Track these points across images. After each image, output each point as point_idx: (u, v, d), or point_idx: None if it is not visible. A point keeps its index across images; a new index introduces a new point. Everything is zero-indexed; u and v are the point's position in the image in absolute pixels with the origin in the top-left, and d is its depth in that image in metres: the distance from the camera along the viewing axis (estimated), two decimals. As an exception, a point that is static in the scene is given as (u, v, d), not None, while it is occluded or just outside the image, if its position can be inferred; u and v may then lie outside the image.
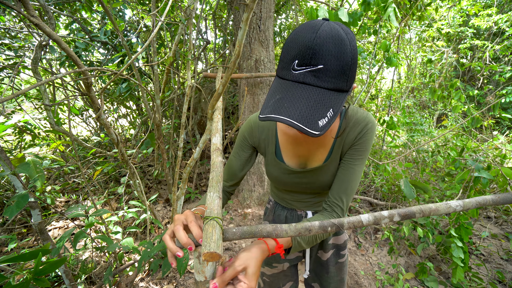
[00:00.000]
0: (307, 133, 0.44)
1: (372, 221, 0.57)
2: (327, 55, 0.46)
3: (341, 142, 0.71)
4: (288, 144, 0.76)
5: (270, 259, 0.98)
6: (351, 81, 0.51)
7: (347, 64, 0.47)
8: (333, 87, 0.48)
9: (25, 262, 0.72)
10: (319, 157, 0.75)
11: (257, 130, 0.79)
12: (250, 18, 0.64)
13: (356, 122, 0.68)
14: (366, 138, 0.68)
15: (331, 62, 0.46)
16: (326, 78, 0.47)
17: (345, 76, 0.48)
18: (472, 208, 0.67)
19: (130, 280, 1.71)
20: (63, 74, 0.86)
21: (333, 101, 0.48)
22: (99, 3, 1.45)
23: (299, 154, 0.76)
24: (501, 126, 5.43)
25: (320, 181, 0.77)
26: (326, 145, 0.73)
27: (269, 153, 0.80)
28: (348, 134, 0.70)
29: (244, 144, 0.82)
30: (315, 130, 0.44)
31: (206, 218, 0.50)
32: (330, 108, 0.47)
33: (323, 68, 0.47)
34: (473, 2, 5.02)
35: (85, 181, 1.44)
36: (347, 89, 0.50)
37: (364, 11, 1.65)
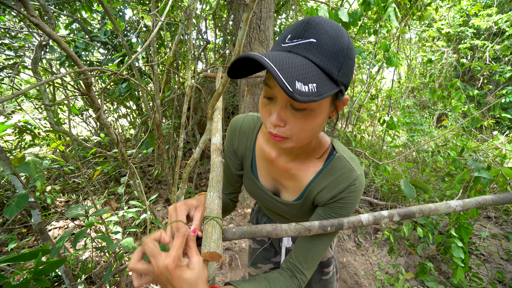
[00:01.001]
0: (280, 83, 0.36)
1: (372, 221, 0.57)
2: (322, 32, 0.42)
3: (315, 189, 0.61)
4: (263, 162, 0.70)
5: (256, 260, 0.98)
6: (344, 75, 0.44)
7: (342, 49, 0.43)
8: (323, 66, 0.42)
9: (25, 262, 0.72)
10: (291, 192, 0.67)
11: (237, 135, 0.72)
12: (250, 18, 0.64)
13: (339, 179, 0.58)
14: (345, 202, 0.58)
15: (325, 40, 0.42)
16: (317, 53, 0.42)
17: (338, 62, 0.43)
18: (472, 208, 0.67)
19: (130, 280, 1.71)
20: (63, 74, 0.86)
21: (319, 79, 0.40)
22: (99, 3, 1.45)
23: (272, 177, 0.70)
24: (501, 126, 5.43)
25: (291, 214, 0.71)
26: (299, 181, 0.64)
27: (245, 165, 0.74)
28: (326, 187, 0.59)
29: (229, 149, 0.77)
30: (290, 85, 0.36)
31: (206, 218, 0.50)
32: (313, 83, 0.39)
33: (315, 42, 0.42)
34: (473, 2, 5.02)
35: (85, 181, 1.44)
36: (338, 80, 0.43)
37: (364, 11, 1.65)
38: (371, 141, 3.97)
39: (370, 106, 4.18)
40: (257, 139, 0.70)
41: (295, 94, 0.36)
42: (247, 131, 0.71)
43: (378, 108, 4.13)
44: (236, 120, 0.73)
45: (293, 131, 0.48)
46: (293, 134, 0.48)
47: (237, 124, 0.73)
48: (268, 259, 0.96)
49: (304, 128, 0.48)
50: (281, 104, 0.46)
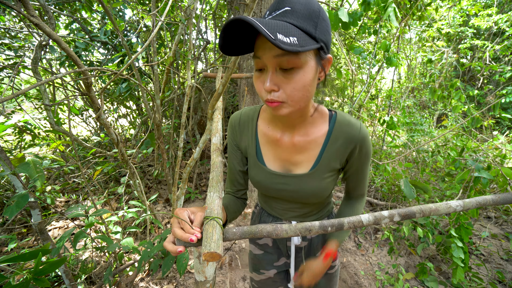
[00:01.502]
0: (264, 33, 0.40)
1: (372, 221, 0.57)
2: (294, 2, 0.49)
3: (330, 152, 0.66)
4: (268, 146, 0.71)
5: (258, 265, 0.94)
6: (322, 33, 0.50)
7: (314, 11, 0.49)
8: (300, 26, 0.47)
9: (25, 262, 0.72)
10: (304, 163, 0.68)
11: (238, 129, 0.75)
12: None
13: (345, 133, 0.64)
14: (362, 152, 0.66)
15: (298, 6, 0.48)
16: (293, 17, 0.48)
17: (313, 22, 0.48)
18: (472, 208, 0.67)
19: (130, 280, 1.71)
20: (63, 74, 0.86)
21: (298, 34, 0.45)
22: (99, 3, 1.45)
23: (281, 158, 0.70)
24: (501, 126, 5.43)
25: (305, 190, 0.69)
26: (310, 150, 0.67)
27: (250, 155, 0.75)
28: (336, 146, 0.65)
29: (231, 144, 0.78)
30: (272, 35, 0.40)
31: (207, 218, 0.49)
32: (294, 37, 0.44)
33: (290, 10, 0.48)
34: (473, 2, 5.02)
35: (85, 181, 1.44)
36: (317, 36, 0.48)
37: (364, 11, 1.65)
38: (371, 141, 3.97)
39: (370, 106, 4.18)
40: (258, 126, 0.72)
41: (278, 42, 0.40)
42: (247, 121, 0.74)
43: (378, 108, 4.13)
44: (234, 115, 0.77)
45: (287, 93, 0.51)
46: (288, 96, 0.52)
47: (236, 119, 0.75)
48: (271, 264, 0.93)
49: (296, 87, 0.51)
50: (271, 69, 0.50)
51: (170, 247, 0.50)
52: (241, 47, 0.52)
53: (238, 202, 0.81)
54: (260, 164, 0.72)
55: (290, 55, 0.47)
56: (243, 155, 0.78)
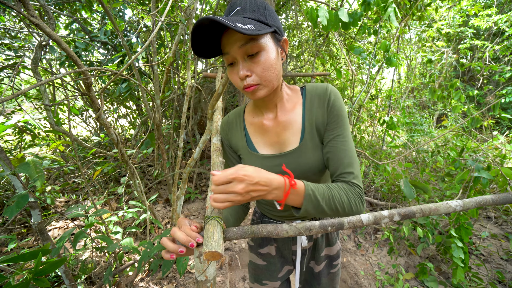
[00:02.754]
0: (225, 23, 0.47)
1: (372, 220, 0.57)
2: (242, 2, 0.59)
3: (310, 118, 0.70)
4: (257, 134, 0.76)
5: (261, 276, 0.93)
6: (272, 20, 0.59)
7: (260, 4, 0.59)
8: (253, 17, 0.57)
9: (25, 262, 0.72)
10: (292, 139, 0.72)
11: (226, 128, 0.81)
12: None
13: (316, 95, 0.70)
14: (334, 105, 0.68)
15: (246, 4, 0.58)
16: (245, 13, 0.57)
17: (262, 12, 0.58)
18: (472, 208, 0.67)
19: (130, 280, 1.71)
20: (63, 74, 0.86)
21: (254, 23, 0.54)
22: (99, 3, 1.45)
23: (271, 141, 0.74)
24: (501, 126, 5.43)
25: (301, 164, 0.70)
26: (294, 126, 0.72)
27: (242, 147, 0.77)
28: (313, 110, 0.70)
29: (227, 149, 0.82)
30: (233, 24, 0.48)
31: (207, 217, 0.50)
32: (251, 25, 0.52)
33: (240, 8, 0.58)
34: (473, 2, 5.02)
35: (85, 181, 1.44)
36: (268, 22, 0.57)
37: (364, 11, 1.65)
38: (371, 141, 3.97)
39: (370, 106, 4.18)
40: (245, 120, 0.79)
41: (238, 28, 0.48)
42: (234, 119, 0.80)
43: (378, 108, 4.13)
44: (222, 120, 0.84)
45: (258, 74, 0.59)
46: (260, 77, 0.59)
47: (224, 121, 0.83)
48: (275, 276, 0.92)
49: (264, 67, 0.58)
50: (240, 59, 0.58)
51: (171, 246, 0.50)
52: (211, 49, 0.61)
53: (240, 210, 0.82)
54: (253, 152, 0.75)
55: (252, 42, 0.55)
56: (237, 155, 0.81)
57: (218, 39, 0.59)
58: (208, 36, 0.57)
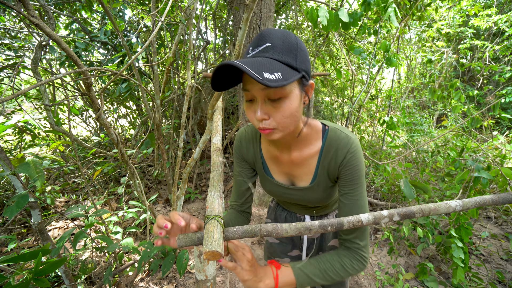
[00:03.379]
0: (252, 75, 0.44)
1: (372, 220, 0.57)
2: (273, 37, 0.53)
3: (324, 166, 0.69)
4: (272, 161, 0.77)
5: (273, 254, 1.02)
6: (302, 63, 0.53)
7: (292, 44, 0.53)
8: (282, 59, 0.51)
9: (25, 262, 0.71)
10: (305, 177, 0.74)
11: (244, 146, 0.80)
12: (250, 18, 0.65)
13: (339, 147, 0.65)
14: (352, 164, 0.65)
15: (277, 42, 0.52)
16: (274, 52, 0.52)
17: (292, 54, 0.52)
18: (472, 208, 0.67)
19: (130, 280, 1.71)
20: (63, 74, 0.86)
21: (282, 69, 0.49)
22: (99, 3, 1.45)
23: (284, 172, 0.76)
24: (500, 126, 5.43)
25: (310, 199, 0.77)
26: (307, 167, 0.72)
27: (258, 169, 0.81)
28: (332, 160, 0.67)
29: (240, 158, 0.83)
30: (259, 75, 0.44)
31: (207, 217, 0.50)
32: (278, 72, 0.48)
33: (270, 46, 0.52)
34: (473, 2, 5.02)
35: (85, 181, 1.44)
36: (298, 67, 0.52)
37: (365, 11, 1.65)
38: (371, 141, 3.97)
39: (370, 106, 4.18)
40: (261, 143, 0.78)
41: (265, 81, 0.44)
42: (251, 139, 0.79)
43: (378, 108, 4.13)
44: (240, 132, 0.83)
45: (277, 120, 0.55)
46: (277, 122, 0.56)
47: (242, 135, 0.81)
48: (285, 253, 1.00)
49: (284, 114, 0.55)
50: (260, 100, 0.54)
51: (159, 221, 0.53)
52: (231, 81, 0.57)
53: (241, 218, 0.84)
54: (268, 177, 0.79)
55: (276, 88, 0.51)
56: (250, 166, 0.84)
57: (240, 72, 0.56)
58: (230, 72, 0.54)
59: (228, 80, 0.56)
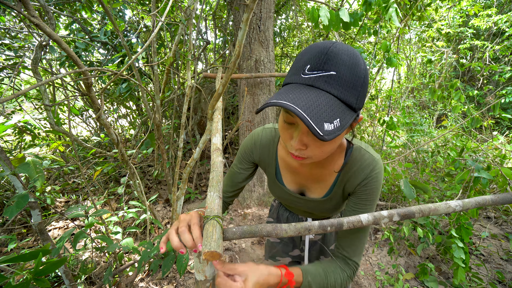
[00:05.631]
0: (313, 130, 0.39)
1: (372, 221, 0.57)
2: (340, 64, 0.44)
3: (342, 182, 0.67)
4: (286, 170, 0.75)
5: (275, 253, 1.02)
6: (361, 102, 0.47)
7: (359, 78, 0.45)
8: (343, 98, 0.45)
9: (25, 262, 0.71)
10: (318, 190, 0.73)
11: (258, 149, 0.77)
12: (250, 19, 0.65)
13: (360, 167, 0.62)
14: (371, 186, 0.62)
15: (344, 72, 0.44)
16: (337, 86, 0.44)
17: (356, 92, 0.45)
18: (472, 208, 0.67)
19: (130, 280, 1.71)
20: (63, 74, 0.86)
21: (341, 113, 0.43)
22: (99, 3, 1.45)
23: (298, 182, 0.75)
24: (500, 126, 5.43)
25: (320, 209, 0.76)
26: (325, 181, 0.70)
27: (269, 173, 0.79)
28: (351, 178, 0.64)
29: (247, 158, 0.80)
30: (320, 130, 0.39)
31: (207, 217, 0.50)
32: (337, 118, 0.42)
33: (335, 75, 0.44)
34: (473, 3, 5.02)
35: (85, 181, 1.44)
36: (356, 107, 0.46)
37: (365, 11, 1.65)
38: (371, 142, 3.97)
39: (370, 107, 4.19)
40: (278, 150, 0.75)
41: (324, 137, 0.39)
42: (267, 144, 0.75)
43: (378, 109, 4.13)
44: (255, 132, 0.78)
45: (314, 153, 0.52)
46: (314, 154, 0.52)
47: (257, 138, 0.76)
48: (286, 252, 1.00)
49: (324, 150, 0.51)
50: (302, 130, 0.49)
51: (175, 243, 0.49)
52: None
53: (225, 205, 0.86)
54: (279, 183, 0.78)
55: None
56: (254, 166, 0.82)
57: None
58: None
59: None
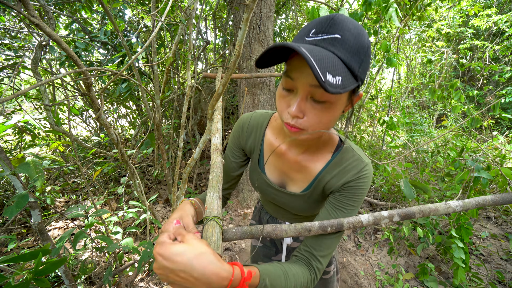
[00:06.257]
0: (315, 72, 0.37)
1: (372, 221, 0.57)
2: (346, 29, 0.44)
3: (325, 179, 0.63)
4: (271, 156, 0.72)
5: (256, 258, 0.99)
6: (363, 72, 0.46)
7: (363, 47, 0.45)
8: (346, 61, 0.44)
9: (25, 262, 0.71)
10: (299, 183, 0.69)
11: (245, 131, 0.74)
12: (250, 19, 0.65)
13: (348, 167, 0.60)
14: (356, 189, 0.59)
15: (349, 36, 0.44)
16: (341, 49, 0.44)
17: (359, 59, 0.45)
18: (472, 208, 0.67)
19: (130, 280, 1.71)
20: (63, 74, 0.86)
21: (344, 73, 0.42)
22: (99, 3, 1.45)
23: (280, 170, 0.71)
24: (500, 126, 5.43)
25: (294, 207, 0.72)
26: (308, 173, 0.67)
27: (253, 159, 0.76)
28: (336, 176, 0.61)
29: (235, 143, 0.77)
30: (323, 76, 0.38)
31: (206, 218, 0.50)
32: (340, 76, 0.41)
33: (340, 38, 0.44)
34: (472, 3, 5.02)
35: (85, 181, 1.44)
36: (357, 75, 0.45)
37: (365, 11, 1.65)
38: (371, 142, 3.97)
39: (370, 107, 4.19)
40: (265, 134, 0.72)
41: (326, 85, 0.38)
42: (256, 126, 0.73)
43: (378, 109, 4.13)
44: (244, 116, 0.76)
45: (311, 123, 0.50)
46: (310, 125, 0.50)
47: (245, 120, 0.74)
48: (269, 257, 0.96)
49: (322, 120, 0.49)
50: (302, 95, 0.48)
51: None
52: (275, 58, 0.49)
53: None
54: (260, 171, 0.74)
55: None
56: (246, 155, 0.79)
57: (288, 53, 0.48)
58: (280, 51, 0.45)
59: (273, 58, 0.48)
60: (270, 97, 2.49)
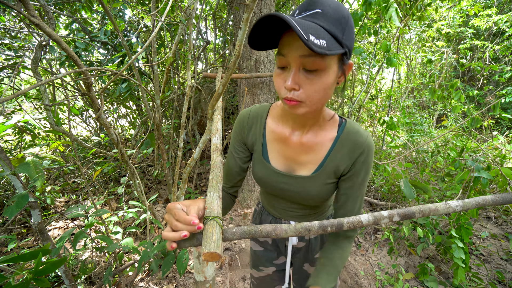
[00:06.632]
0: (297, 31, 0.40)
1: (372, 221, 0.57)
2: (325, 4, 0.49)
3: (334, 160, 0.66)
4: (275, 143, 0.72)
5: (257, 262, 0.96)
6: (348, 39, 0.50)
7: (343, 16, 0.49)
8: (329, 29, 0.48)
9: (25, 262, 0.71)
10: (308, 166, 0.69)
11: (246, 124, 0.75)
12: (250, 19, 0.65)
13: (351, 142, 0.65)
14: (368, 160, 0.65)
15: (328, 10, 0.49)
16: (322, 19, 0.48)
17: (341, 27, 0.49)
18: (472, 208, 0.67)
19: (130, 280, 1.71)
20: (63, 74, 0.86)
21: (327, 38, 0.46)
22: (99, 3, 1.45)
23: (286, 156, 0.71)
24: (500, 126, 5.43)
25: (306, 192, 0.71)
26: (315, 156, 0.68)
27: (256, 151, 0.76)
28: (341, 153, 0.65)
29: (237, 140, 0.78)
30: (306, 35, 0.41)
31: (206, 218, 0.50)
32: (323, 40, 0.45)
33: (320, 12, 0.48)
34: (473, 3, 5.02)
35: (85, 181, 1.44)
36: (343, 42, 0.49)
37: (365, 11, 1.65)
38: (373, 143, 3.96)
39: (370, 107, 4.18)
40: (266, 123, 0.73)
41: (310, 43, 0.41)
42: (256, 117, 0.74)
43: (378, 108, 4.13)
44: (243, 111, 0.77)
45: (307, 93, 0.52)
46: (307, 96, 0.53)
47: (245, 114, 0.76)
48: (270, 261, 0.94)
49: (316, 88, 0.52)
50: (295, 68, 0.51)
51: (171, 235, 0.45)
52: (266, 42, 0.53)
53: (228, 197, 0.83)
54: (265, 161, 0.73)
55: (316, 57, 0.48)
56: (249, 151, 0.79)
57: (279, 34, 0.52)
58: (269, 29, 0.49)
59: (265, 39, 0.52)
60: (270, 97, 2.49)
